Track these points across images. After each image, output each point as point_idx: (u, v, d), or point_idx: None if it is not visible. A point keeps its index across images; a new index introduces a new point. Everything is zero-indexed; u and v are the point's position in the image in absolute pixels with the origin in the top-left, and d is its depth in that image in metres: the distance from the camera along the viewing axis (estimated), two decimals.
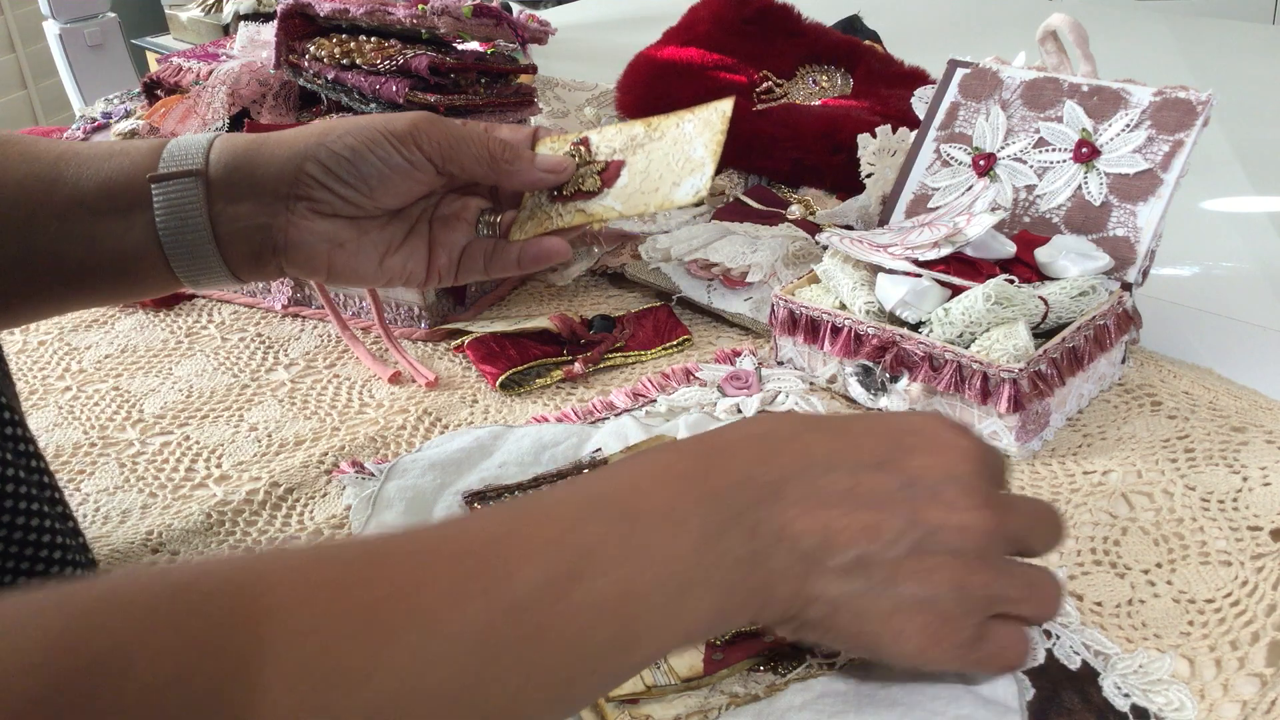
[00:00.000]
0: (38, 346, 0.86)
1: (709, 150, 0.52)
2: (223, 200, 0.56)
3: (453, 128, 0.58)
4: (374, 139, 0.56)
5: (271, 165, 0.56)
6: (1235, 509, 0.60)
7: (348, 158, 0.56)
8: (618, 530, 0.38)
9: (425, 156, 0.57)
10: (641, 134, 0.57)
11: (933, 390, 0.68)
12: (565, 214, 0.59)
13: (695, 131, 0.54)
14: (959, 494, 0.42)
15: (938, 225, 0.73)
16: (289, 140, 0.57)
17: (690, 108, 0.56)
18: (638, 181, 0.56)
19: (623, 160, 0.57)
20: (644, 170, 0.55)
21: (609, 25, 1.70)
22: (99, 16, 2.65)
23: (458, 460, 0.67)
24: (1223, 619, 0.53)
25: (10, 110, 2.71)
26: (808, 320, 0.72)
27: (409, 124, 0.57)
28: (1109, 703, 0.49)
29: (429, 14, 0.81)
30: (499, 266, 0.62)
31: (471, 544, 0.37)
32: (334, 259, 0.58)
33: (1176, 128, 0.71)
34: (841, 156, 0.92)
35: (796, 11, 1.14)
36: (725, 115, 0.54)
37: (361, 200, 0.57)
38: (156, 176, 0.55)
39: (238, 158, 0.56)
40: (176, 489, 0.68)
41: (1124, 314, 0.71)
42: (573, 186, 0.59)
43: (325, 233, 0.57)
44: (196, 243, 0.55)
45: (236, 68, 0.90)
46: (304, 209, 0.56)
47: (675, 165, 0.54)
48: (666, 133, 0.56)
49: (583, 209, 0.58)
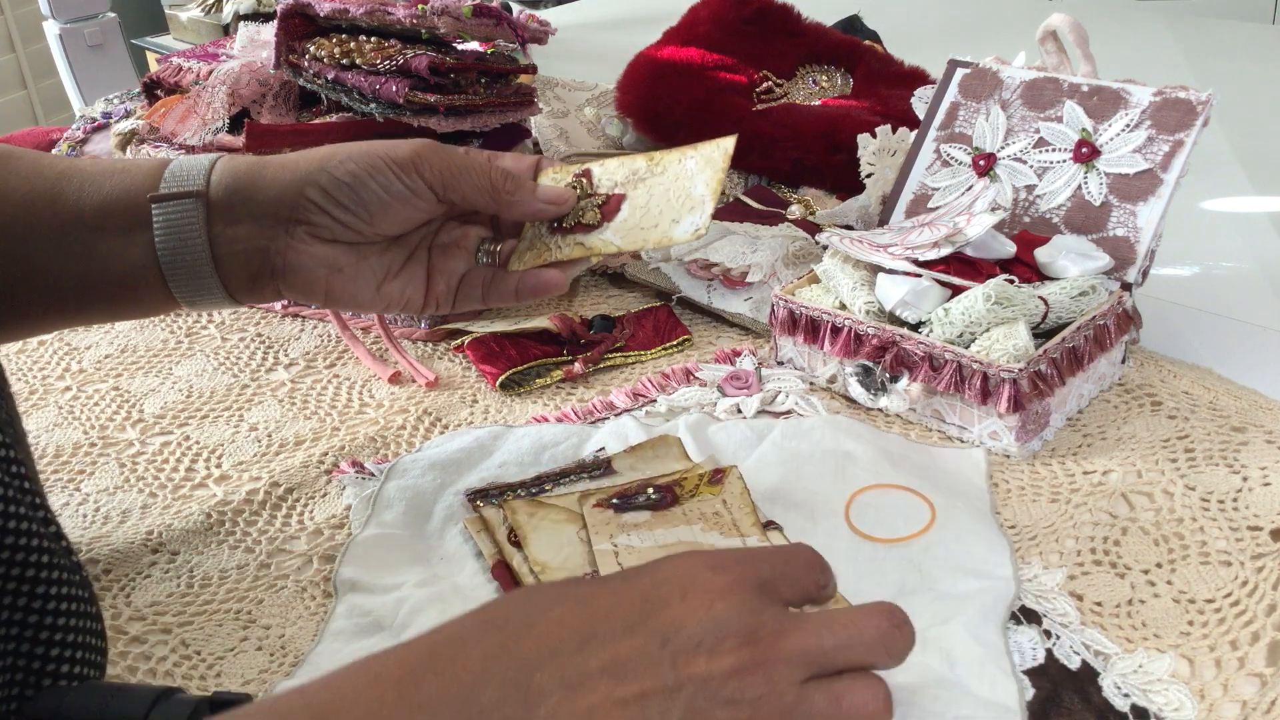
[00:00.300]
0: (38, 346, 0.86)
1: (709, 188, 0.53)
2: (222, 222, 0.56)
3: (455, 156, 0.58)
4: (375, 166, 0.56)
5: (273, 189, 0.56)
6: (1235, 509, 0.60)
7: (349, 183, 0.56)
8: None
9: (426, 184, 0.57)
10: (644, 168, 0.57)
11: (933, 390, 0.68)
12: (564, 246, 0.59)
13: (697, 168, 0.54)
14: (720, 637, 0.37)
15: (938, 225, 0.73)
16: (291, 164, 0.57)
17: (694, 144, 0.56)
18: (638, 216, 0.56)
19: (624, 194, 0.57)
20: (644, 205, 0.55)
21: (609, 25, 1.70)
22: (99, 16, 2.65)
23: (458, 460, 0.67)
24: (1223, 619, 0.53)
25: (10, 110, 2.70)
26: (808, 320, 0.72)
27: (411, 152, 0.57)
28: (1109, 703, 0.49)
29: (429, 14, 0.81)
30: (496, 296, 0.62)
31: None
32: (331, 284, 0.58)
33: (1176, 128, 0.71)
34: (841, 156, 0.92)
35: (796, 11, 1.14)
36: (727, 154, 0.54)
37: (361, 226, 0.57)
38: (157, 197, 0.55)
39: (239, 180, 0.56)
40: (176, 489, 0.68)
41: (1124, 314, 0.71)
42: (573, 219, 0.59)
43: (324, 257, 0.57)
44: (195, 264, 0.55)
45: (236, 68, 0.90)
46: (303, 233, 0.56)
47: (676, 202, 0.54)
48: (669, 168, 0.56)
49: (581, 242, 0.59)
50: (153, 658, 0.55)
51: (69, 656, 0.43)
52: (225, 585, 0.60)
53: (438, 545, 0.61)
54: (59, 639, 0.43)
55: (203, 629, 0.57)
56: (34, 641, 0.42)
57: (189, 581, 0.60)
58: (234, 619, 0.57)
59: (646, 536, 0.54)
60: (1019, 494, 0.63)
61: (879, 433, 0.68)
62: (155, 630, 0.57)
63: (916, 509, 0.60)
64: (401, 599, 0.56)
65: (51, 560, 0.43)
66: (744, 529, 0.55)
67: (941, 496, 0.61)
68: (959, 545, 0.58)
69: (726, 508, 0.56)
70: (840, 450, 0.65)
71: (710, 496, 0.57)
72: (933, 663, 0.51)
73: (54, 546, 0.44)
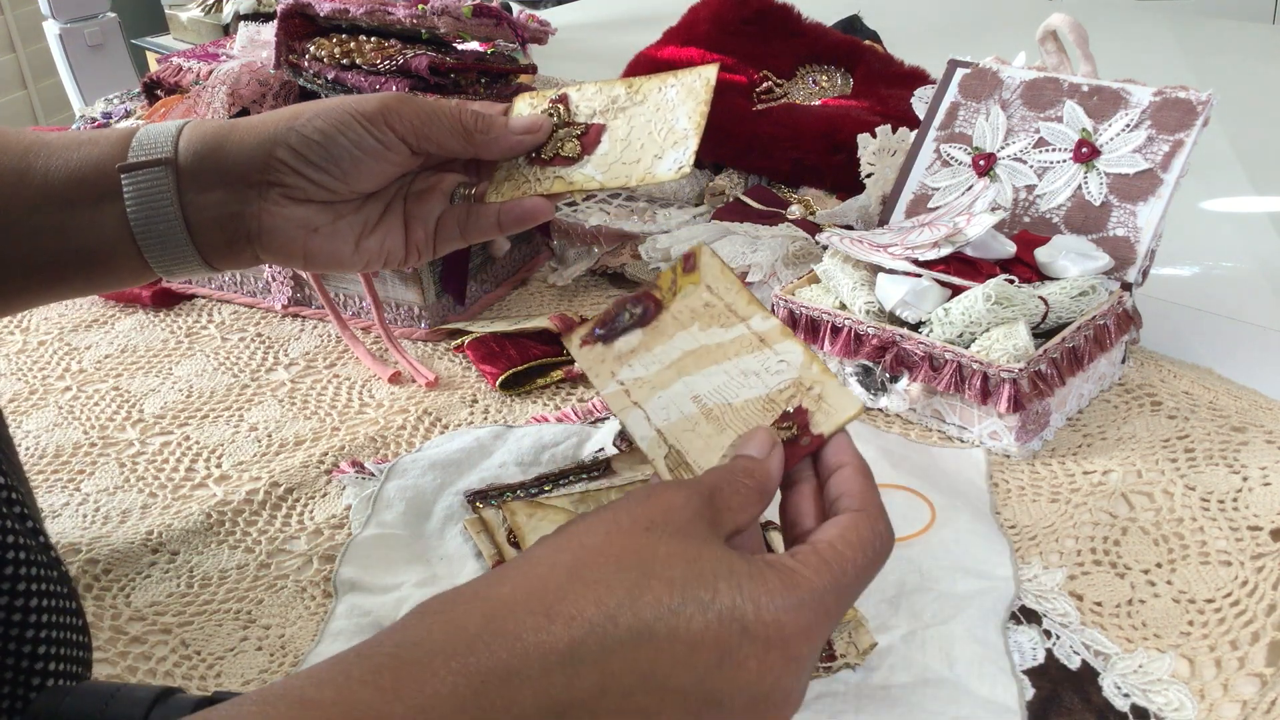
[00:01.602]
0: (38, 346, 0.86)
1: (692, 121, 0.50)
2: (194, 189, 0.55)
3: (423, 104, 0.56)
4: (344, 121, 0.55)
5: (241, 152, 0.55)
6: (1235, 509, 0.60)
7: (319, 141, 0.55)
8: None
9: (398, 136, 0.56)
10: (623, 96, 0.54)
11: (933, 390, 0.68)
12: (544, 179, 0.56)
13: (678, 99, 0.51)
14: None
15: (938, 225, 0.73)
16: (258, 126, 0.56)
17: (673, 71, 0.53)
18: (619, 150, 0.53)
19: (603, 125, 0.54)
20: (625, 138, 0.52)
21: (609, 25, 1.70)
22: (99, 16, 2.65)
23: (458, 460, 0.67)
24: (1223, 619, 0.53)
25: (10, 110, 2.70)
26: (808, 320, 0.72)
27: (379, 104, 0.55)
28: (1109, 703, 0.49)
29: (429, 14, 0.81)
30: (476, 231, 0.60)
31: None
32: (309, 244, 0.57)
33: (1176, 128, 0.71)
34: (841, 156, 0.92)
35: (796, 11, 1.14)
36: (709, 83, 0.51)
37: (335, 184, 0.56)
38: (126, 166, 0.54)
39: (206, 145, 0.55)
40: (176, 489, 0.68)
41: (1124, 314, 0.71)
42: (552, 150, 0.57)
43: (299, 218, 0.56)
44: (168, 232, 0.54)
45: (236, 68, 0.90)
46: (276, 195, 0.55)
47: (658, 135, 0.52)
48: (649, 96, 0.53)
49: (562, 176, 0.56)
50: (153, 658, 0.55)
51: (54, 654, 0.43)
52: (225, 585, 0.60)
53: (437, 545, 0.61)
54: (43, 636, 0.43)
55: (203, 629, 0.57)
56: (20, 640, 0.42)
57: (189, 581, 0.60)
58: (234, 619, 0.57)
59: (649, 360, 0.50)
60: (1019, 494, 0.63)
61: (879, 433, 0.68)
62: (155, 630, 0.57)
63: (916, 509, 0.60)
64: (401, 599, 0.56)
65: (29, 557, 0.43)
66: (741, 311, 0.50)
67: (941, 496, 0.61)
68: (959, 545, 0.58)
69: (714, 294, 0.52)
70: None
71: (692, 287, 0.52)
72: (933, 663, 0.51)
73: (31, 544, 0.44)
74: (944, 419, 0.69)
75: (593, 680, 0.35)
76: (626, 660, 0.35)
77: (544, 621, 0.35)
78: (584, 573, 0.37)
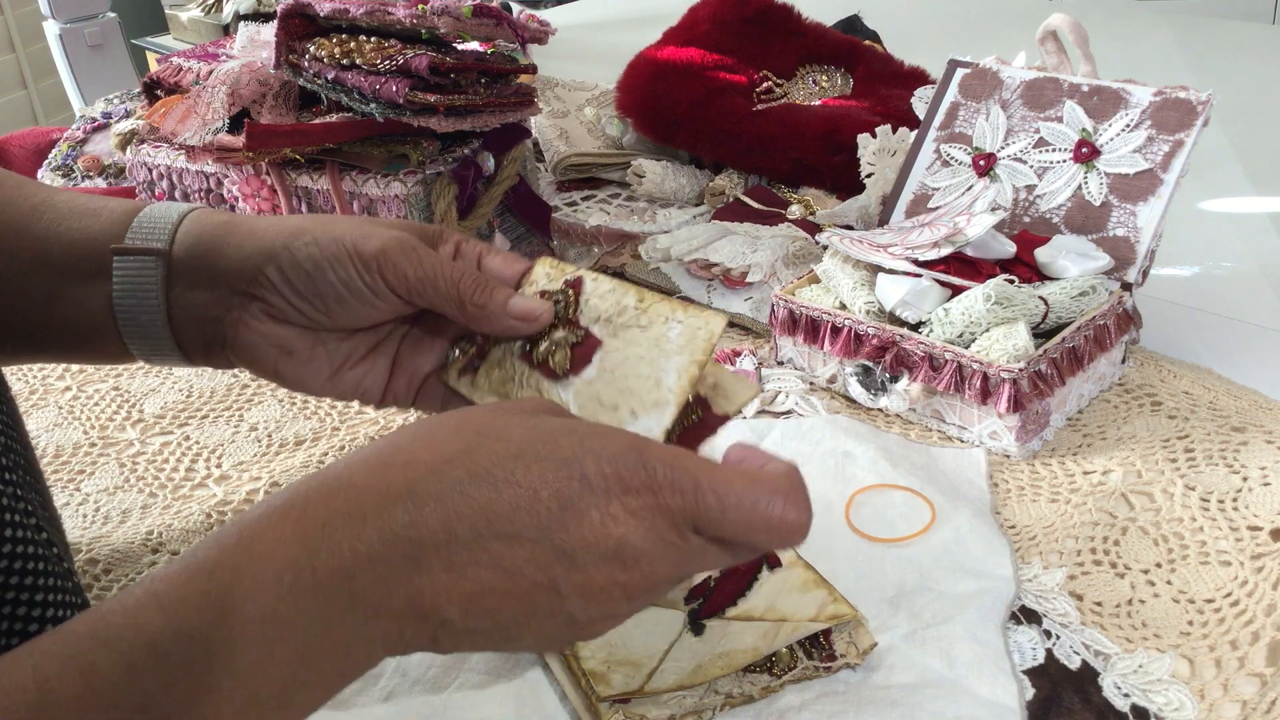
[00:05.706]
0: None
1: (679, 384, 0.46)
2: (182, 284, 0.53)
3: (425, 259, 0.52)
4: (337, 256, 0.51)
5: (235, 258, 0.53)
6: (1235, 509, 0.60)
7: (308, 270, 0.52)
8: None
9: (389, 287, 0.52)
10: (631, 310, 0.50)
11: (933, 390, 0.68)
12: (527, 385, 0.52)
13: (676, 345, 0.48)
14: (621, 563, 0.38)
15: (938, 225, 0.73)
16: (259, 233, 0.53)
17: (686, 305, 0.49)
18: (601, 385, 0.50)
19: (600, 341, 0.51)
20: (613, 370, 0.49)
21: (609, 25, 1.70)
22: (99, 16, 2.65)
23: None
24: (1222, 619, 0.53)
25: (10, 110, 2.70)
26: (808, 320, 0.72)
27: (379, 248, 0.51)
28: (1109, 703, 0.49)
29: (429, 14, 0.81)
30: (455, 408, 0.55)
31: None
32: (281, 366, 0.54)
33: (1176, 128, 0.71)
34: (841, 156, 0.92)
35: (796, 11, 1.14)
36: (711, 339, 0.47)
37: (317, 316, 0.53)
38: (120, 249, 0.52)
39: (203, 242, 0.53)
40: (176, 489, 0.68)
41: (1124, 314, 0.71)
42: (544, 353, 0.52)
43: (276, 337, 0.53)
44: (150, 325, 0.53)
45: (236, 68, 0.90)
46: (258, 309, 0.53)
47: (643, 385, 0.48)
48: (653, 324, 0.49)
49: (541, 390, 0.52)
50: None
51: None
52: None
53: None
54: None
55: None
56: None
57: None
58: None
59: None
60: (1019, 494, 0.63)
61: (879, 433, 0.68)
62: None
63: (916, 509, 0.60)
64: None
65: (45, 568, 0.43)
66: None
67: (941, 496, 0.61)
68: (959, 545, 0.58)
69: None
70: (840, 450, 0.65)
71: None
72: (933, 663, 0.51)
73: (47, 554, 0.44)
74: (944, 419, 0.69)
75: (436, 519, 0.37)
76: (466, 498, 0.37)
77: (380, 469, 0.38)
78: (427, 431, 0.39)
